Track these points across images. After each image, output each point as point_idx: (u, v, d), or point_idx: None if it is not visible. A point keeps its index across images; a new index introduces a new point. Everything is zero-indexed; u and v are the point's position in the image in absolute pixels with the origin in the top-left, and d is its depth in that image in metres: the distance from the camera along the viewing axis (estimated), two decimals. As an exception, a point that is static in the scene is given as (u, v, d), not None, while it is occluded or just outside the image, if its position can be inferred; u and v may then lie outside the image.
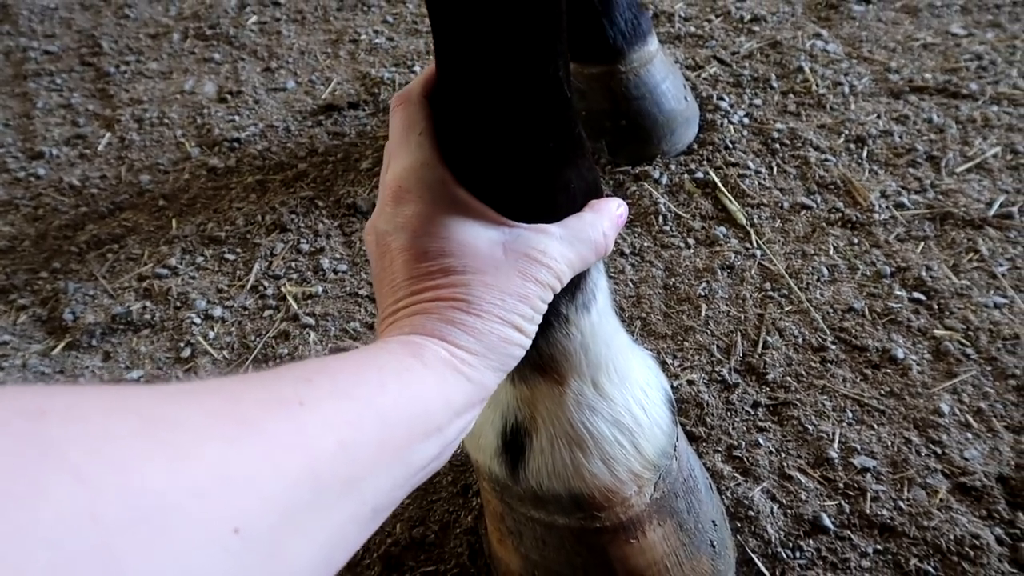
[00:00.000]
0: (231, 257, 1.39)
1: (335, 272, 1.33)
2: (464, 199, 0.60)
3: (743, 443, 1.02)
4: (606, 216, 0.67)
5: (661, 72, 1.47)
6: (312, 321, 1.24)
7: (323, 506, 0.39)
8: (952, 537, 0.89)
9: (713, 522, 0.85)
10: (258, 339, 1.23)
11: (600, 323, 0.74)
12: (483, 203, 0.61)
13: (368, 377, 0.47)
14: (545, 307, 0.61)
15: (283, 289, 1.31)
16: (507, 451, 0.78)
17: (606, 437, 0.76)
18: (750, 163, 1.44)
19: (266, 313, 1.28)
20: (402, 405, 0.47)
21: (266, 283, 1.33)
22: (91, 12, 2.25)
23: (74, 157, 1.70)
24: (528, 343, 0.59)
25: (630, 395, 0.78)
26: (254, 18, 2.10)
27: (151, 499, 0.30)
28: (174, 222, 1.48)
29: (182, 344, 1.24)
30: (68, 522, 0.27)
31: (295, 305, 1.28)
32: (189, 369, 1.20)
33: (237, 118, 1.74)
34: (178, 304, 1.31)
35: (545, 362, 0.73)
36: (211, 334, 1.25)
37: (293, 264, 1.36)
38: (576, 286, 0.70)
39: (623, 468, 0.77)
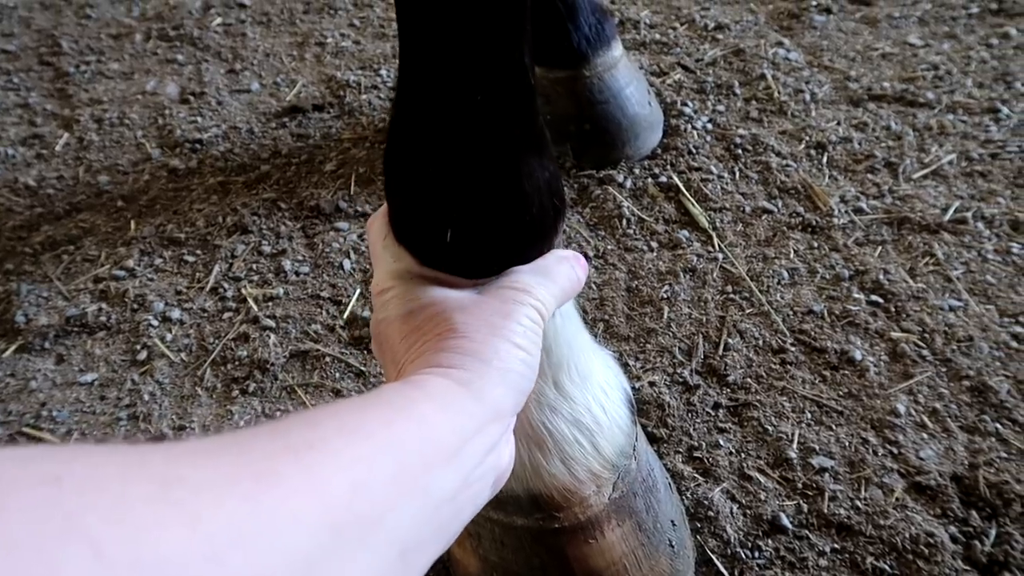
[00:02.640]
0: (191, 259, 1.37)
1: (297, 274, 1.32)
2: (434, 275, 0.65)
3: (703, 444, 1.02)
4: (567, 255, 0.69)
5: (625, 77, 1.48)
6: (272, 323, 1.23)
7: (344, 550, 0.38)
8: (908, 536, 0.90)
9: (672, 522, 0.85)
10: (217, 341, 1.21)
11: (563, 325, 0.74)
12: (450, 200, 0.64)
13: (373, 415, 0.46)
14: (535, 326, 0.61)
15: (243, 291, 1.29)
16: (466, 451, 0.78)
17: (566, 437, 0.76)
18: (713, 168, 1.45)
19: (225, 315, 1.26)
20: (411, 436, 0.46)
21: (226, 285, 1.31)
22: (51, 11, 2.21)
23: (30, 157, 1.66)
24: (530, 358, 0.59)
25: (590, 395, 0.78)
26: (219, 20, 2.08)
27: (167, 570, 0.30)
28: (133, 223, 1.45)
29: (138, 347, 1.22)
30: None
31: (255, 307, 1.26)
32: (145, 372, 1.18)
33: (199, 119, 1.72)
34: (135, 306, 1.29)
35: (505, 362, 0.73)
36: (168, 336, 1.23)
37: (254, 266, 1.34)
38: None
39: (582, 468, 0.77)
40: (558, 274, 0.67)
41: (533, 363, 0.59)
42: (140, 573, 0.29)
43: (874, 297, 1.19)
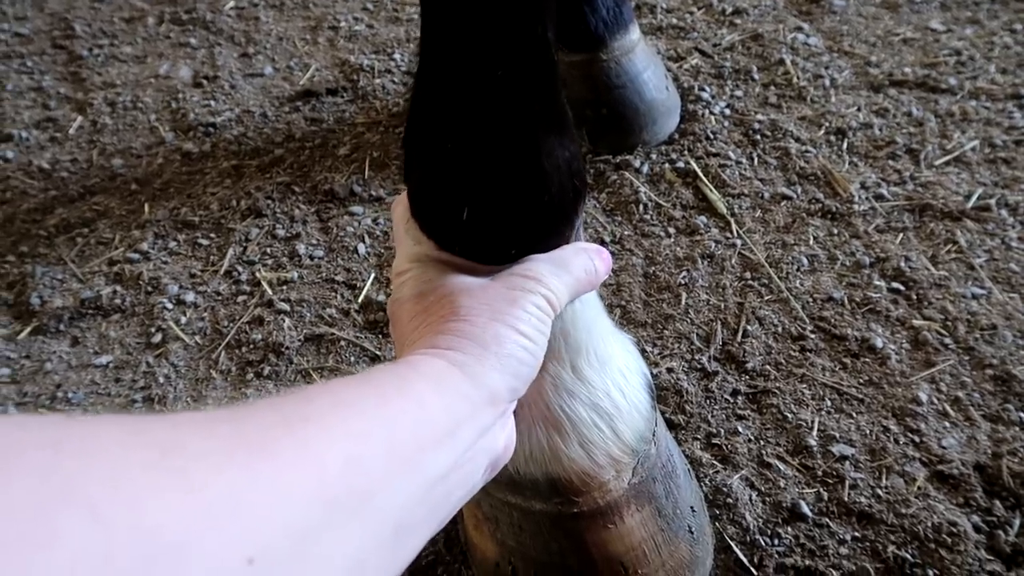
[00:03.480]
0: (205, 242, 1.37)
1: (311, 258, 1.31)
2: (451, 260, 0.65)
3: (722, 431, 1.01)
4: (588, 247, 0.69)
5: (643, 61, 1.46)
6: (287, 307, 1.22)
7: (337, 525, 0.38)
8: (930, 524, 0.89)
9: (692, 508, 0.84)
10: (231, 324, 1.21)
11: (583, 310, 0.73)
12: (470, 175, 0.63)
13: (368, 392, 0.47)
14: (543, 314, 0.61)
15: (258, 274, 1.29)
16: (484, 434, 0.77)
17: (584, 421, 0.75)
18: (731, 154, 1.44)
19: (240, 298, 1.25)
20: (405, 414, 0.47)
21: (240, 268, 1.31)
22: (64, -5, 2.20)
23: (44, 140, 1.66)
24: (533, 345, 0.59)
25: (609, 379, 0.77)
26: (232, 3, 2.07)
27: (165, 536, 0.30)
28: (147, 206, 1.45)
29: (153, 329, 1.21)
30: (82, 565, 0.27)
31: (270, 291, 1.25)
32: (160, 354, 1.18)
33: (213, 103, 1.71)
34: (149, 289, 1.28)
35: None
36: (183, 319, 1.23)
37: (268, 249, 1.34)
38: None
39: (601, 452, 0.76)
40: (574, 265, 0.66)
41: (536, 351, 0.59)
42: (138, 537, 0.29)
43: (895, 284, 1.18)
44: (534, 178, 0.63)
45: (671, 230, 1.31)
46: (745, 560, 0.87)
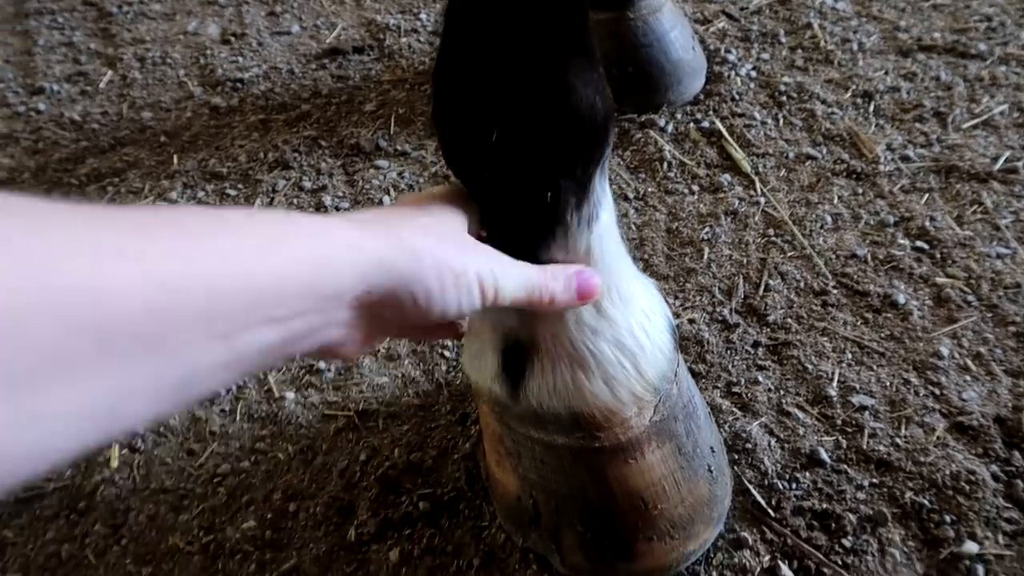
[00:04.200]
0: (232, 192, 1.38)
1: (337, 209, 1.33)
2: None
3: (742, 380, 1.02)
4: (563, 271, 0.69)
5: (670, 21, 1.46)
6: (313, 255, 1.24)
7: (110, 360, 0.36)
8: (948, 472, 0.89)
9: (711, 448, 0.85)
10: (259, 271, 1.23)
11: (604, 242, 0.74)
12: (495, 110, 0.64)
13: (221, 243, 0.43)
14: (468, 282, 0.59)
15: (284, 224, 1.30)
16: (507, 372, 0.78)
17: (608, 358, 0.76)
18: (756, 114, 1.43)
19: (267, 247, 1.27)
20: (248, 281, 0.43)
21: (267, 218, 1.32)
22: (94, -46, 2.22)
23: (75, 94, 1.68)
24: (437, 265, 0.57)
25: (632, 318, 0.78)
26: (259, -37, 2.07)
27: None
28: (175, 158, 1.47)
29: (182, 274, 1.23)
30: None
31: (296, 240, 1.27)
32: (189, 298, 1.20)
33: (240, 59, 1.73)
34: (178, 236, 1.30)
35: (547, 280, 0.73)
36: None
37: (295, 201, 1.35)
38: (580, 195, 0.69)
39: (624, 389, 0.77)
40: (534, 271, 0.66)
41: (434, 262, 0.56)
42: None
43: (919, 243, 1.18)
44: (565, 92, 0.63)
45: (695, 187, 1.31)
46: (763, 502, 0.89)
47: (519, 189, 0.67)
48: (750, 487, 0.90)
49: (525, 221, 0.69)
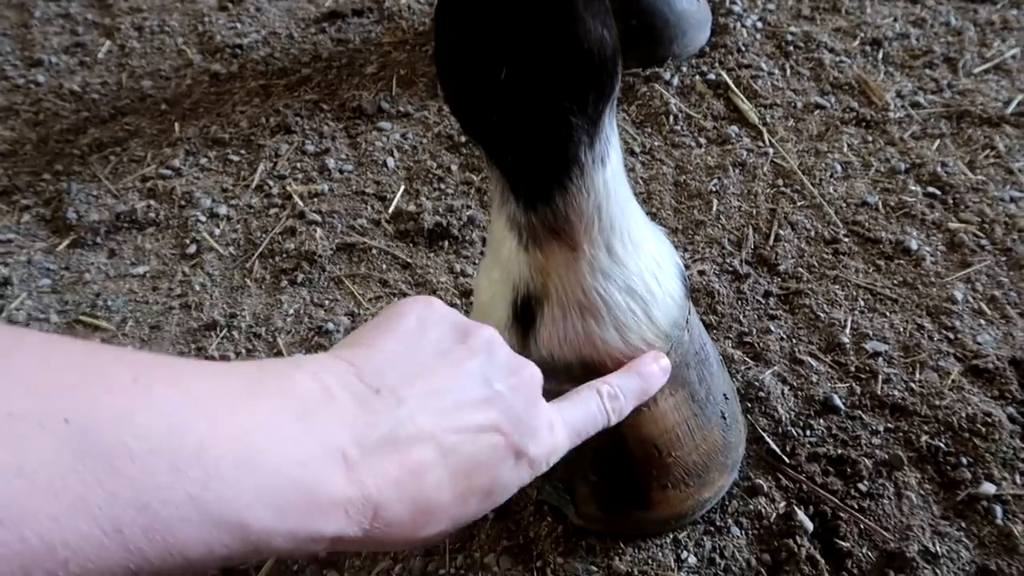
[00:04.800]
0: (235, 158, 1.37)
1: (341, 172, 1.32)
2: None
3: (754, 330, 1.01)
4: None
5: (673, -29, 1.43)
6: (319, 218, 1.23)
7: None
8: (964, 415, 0.89)
9: (724, 395, 0.84)
10: (264, 235, 1.22)
11: (615, 183, 0.73)
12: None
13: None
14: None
15: (288, 188, 1.29)
16: (518, 321, 0.77)
17: (619, 305, 0.75)
18: (763, 65, 1.41)
19: (272, 211, 1.26)
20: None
21: (271, 183, 1.31)
22: (87, -76, 2.19)
23: (74, 65, 1.66)
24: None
25: (643, 264, 0.77)
26: (254, -71, 2.04)
27: None
28: (177, 125, 1.45)
29: (187, 241, 1.23)
30: None
31: (301, 203, 1.26)
32: (195, 264, 1.19)
33: (239, 25, 1.71)
34: (183, 203, 1.29)
35: (560, 224, 0.72)
36: (217, 231, 1.24)
37: (298, 164, 1.34)
38: (592, 133, 0.68)
39: (636, 336, 0.76)
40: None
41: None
42: None
43: (931, 189, 1.16)
44: (574, 24, 0.62)
45: (702, 140, 1.29)
46: (777, 449, 0.88)
47: (531, 130, 0.66)
48: (764, 435, 0.90)
49: (539, 164, 0.68)
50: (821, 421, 0.91)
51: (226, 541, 0.38)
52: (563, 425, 0.62)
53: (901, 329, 0.99)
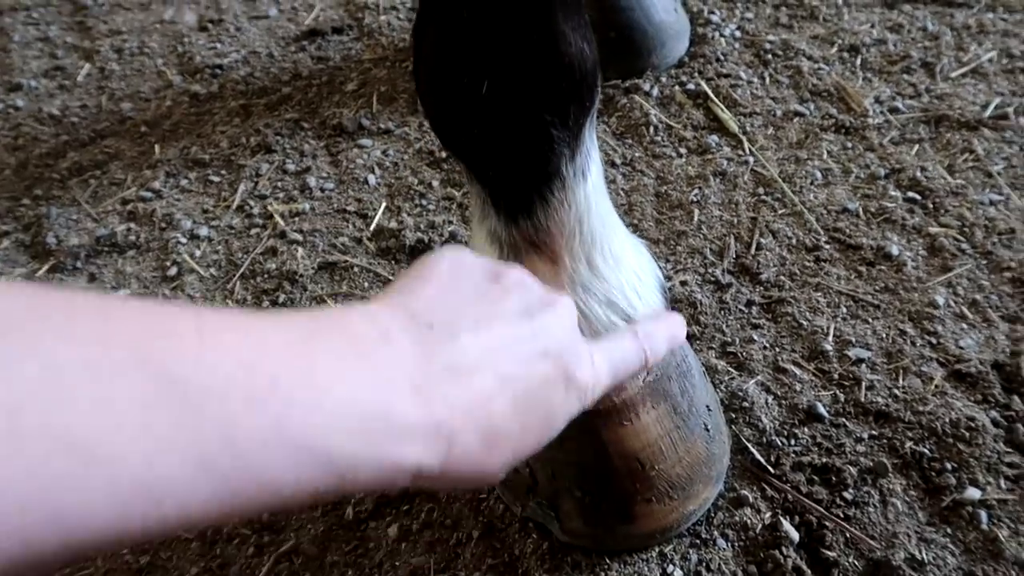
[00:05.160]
0: (216, 179, 1.37)
1: (322, 190, 1.31)
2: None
3: (737, 339, 1.01)
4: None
5: (650, -17, 1.43)
6: (300, 237, 1.23)
7: None
8: (948, 420, 0.88)
9: (707, 407, 0.84)
10: (245, 256, 1.21)
11: (595, 196, 0.73)
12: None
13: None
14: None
15: (269, 207, 1.29)
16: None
17: (600, 318, 0.75)
18: (742, 74, 1.42)
19: (252, 231, 1.26)
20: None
21: (252, 203, 1.31)
22: (66, -52, 2.19)
23: (53, 88, 1.66)
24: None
25: (624, 278, 0.77)
26: (233, -51, 2.05)
27: None
28: (157, 147, 1.45)
29: (168, 263, 1.22)
30: None
31: (282, 222, 1.26)
32: (176, 287, 1.18)
33: (219, 46, 1.71)
34: (163, 225, 1.29)
35: (541, 238, 0.71)
36: (197, 252, 1.23)
37: (279, 184, 1.34)
38: (574, 146, 0.68)
39: (616, 350, 0.76)
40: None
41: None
42: None
43: (911, 194, 1.16)
44: (554, 39, 0.62)
45: (682, 150, 1.30)
46: (762, 460, 0.88)
47: (512, 144, 0.66)
48: (749, 445, 0.89)
49: (520, 177, 0.68)
50: (805, 430, 0.91)
51: (312, 470, 0.38)
52: (603, 359, 0.62)
53: (884, 335, 0.99)
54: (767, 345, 1.00)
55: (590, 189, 0.72)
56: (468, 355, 0.49)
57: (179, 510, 0.34)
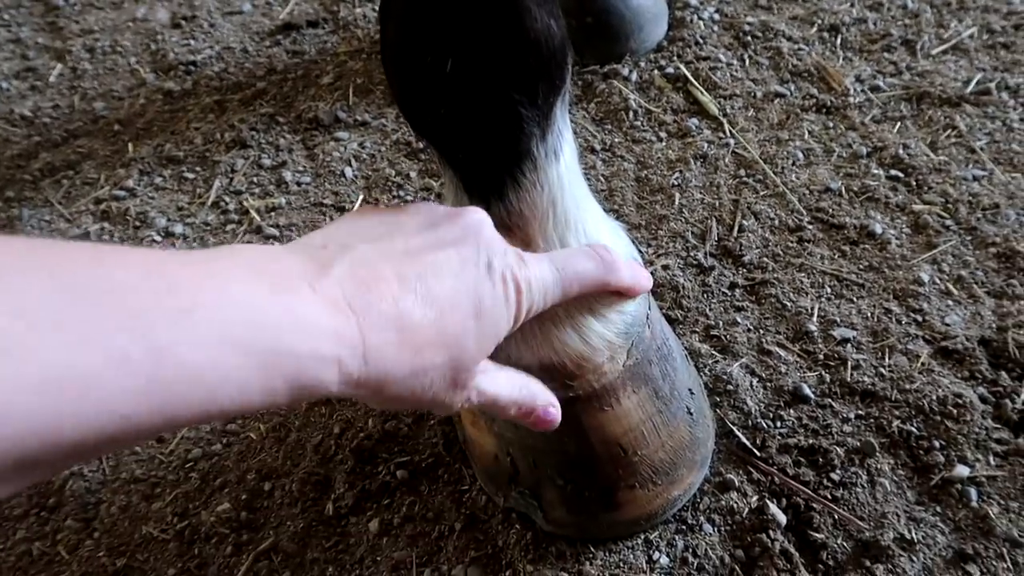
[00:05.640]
0: (190, 176, 1.35)
1: (298, 184, 1.29)
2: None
3: (720, 322, 0.99)
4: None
5: (627, -34, 1.42)
6: (276, 232, 1.21)
7: None
8: (935, 398, 0.87)
9: (690, 390, 0.82)
10: (221, 252, 1.19)
11: (569, 177, 0.71)
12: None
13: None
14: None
15: (245, 203, 1.27)
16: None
17: (577, 303, 0.73)
18: (721, 56, 1.40)
19: (228, 227, 1.24)
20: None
21: (228, 199, 1.29)
22: (37, -52, 2.16)
23: (24, 89, 1.63)
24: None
25: (599, 260, 0.75)
26: (207, -55, 2.02)
27: None
28: (130, 146, 1.42)
29: (143, 262, 1.20)
30: None
31: (258, 217, 1.23)
32: (151, 285, 1.16)
33: (192, 42, 1.68)
34: (137, 223, 1.27)
35: (514, 220, 0.70)
36: (173, 250, 1.21)
37: (255, 179, 1.32)
38: (544, 126, 0.66)
39: (595, 335, 0.74)
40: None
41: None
42: None
43: (894, 172, 1.15)
44: (519, 14, 0.60)
45: (662, 134, 1.28)
46: (748, 443, 0.86)
47: (480, 124, 0.64)
48: (734, 428, 0.88)
49: (490, 158, 0.66)
50: (791, 412, 0.89)
51: (234, 366, 0.39)
52: (541, 259, 0.62)
53: (869, 314, 0.98)
54: (751, 327, 0.98)
55: (563, 170, 0.70)
56: (365, 260, 0.49)
57: (109, 411, 0.33)
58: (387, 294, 0.48)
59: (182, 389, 0.36)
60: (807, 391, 0.90)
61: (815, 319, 0.98)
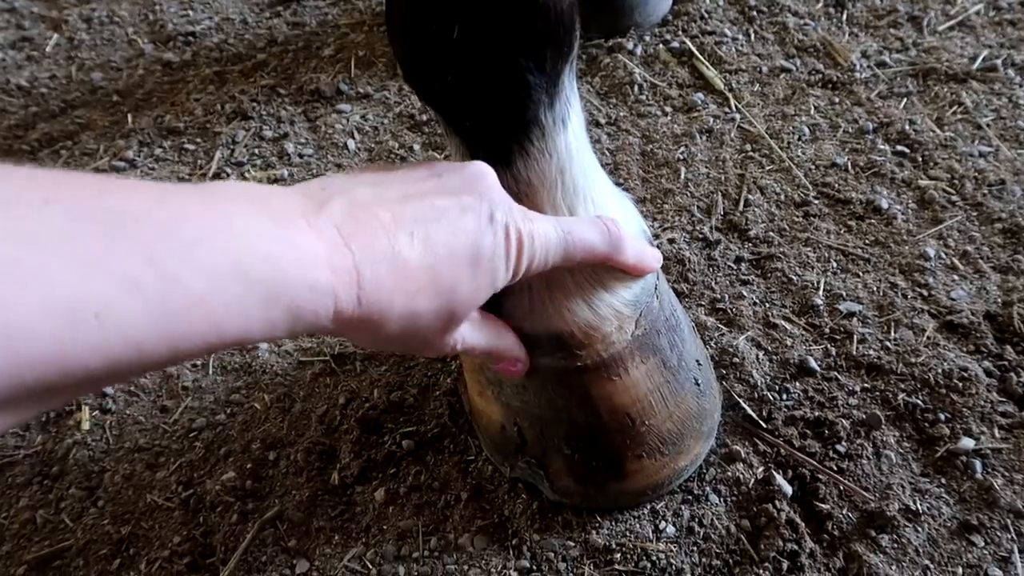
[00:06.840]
0: (191, 147, 1.33)
1: (300, 156, 1.28)
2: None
3: (726, 296, 0.99)
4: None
5: (632, -61, 1.40)
6: (278, 203, 1.20)
7: None
8: (940, 371, 0.87)
9: (697, 361, 0.82)
10: (223, 223, 1.18)
11: (577, 146, 0.70)
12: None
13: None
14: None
15: (247, 175, 1.26)
16: (484, 295, 0.75)
17: (585, 272, 0.73)
18: (727, 31, 1.39)
19: (230, 199, 1.23)
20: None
21: (229, 170, 1.28)
22: (32, -83, 2.13)
23: (21, 60, 1.61)
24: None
25: (608, 230, 0.75)
26: (205, -85, 1.99)
27: None
28: (130, 117, 1.41)
29: (144, 233, 1.19)
30: None
31: (260, 189, 1.23)
32: (152, 256, 1.15)
33: (191, 13, 1.66)
34: (138, 194, 1.25)
35: (522, 189, 0.69)
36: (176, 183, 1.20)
37: (257, 151, 1.31)
38: (552, 93, 0.65)
39: (604, 305, 0.74)
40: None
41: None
42: None
43: (900, 147, 1.15)
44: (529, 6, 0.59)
45: (667, 109, 1.27)
46: (754, 415, 0.86)
47: (488, 90, 0.63)
48: (740, 400, 0.88)
49: (498, 126, 0.66)
50: (797, 384, 0.89)
51: (236, 295, 0.39)
52: (548, 219, 0.62)
53: (875, 288, 0.98)
54: (757, 301, 0.98)
55: (571, 138, 0.69)
56: (364, 202, 0.50)
57: (123, 338, 0.34)
58: (383, 233, 0.49)
59: (188, 317, 0.37)
60: (813, 364, 0.90)
61: (821, 293, 0.98)
